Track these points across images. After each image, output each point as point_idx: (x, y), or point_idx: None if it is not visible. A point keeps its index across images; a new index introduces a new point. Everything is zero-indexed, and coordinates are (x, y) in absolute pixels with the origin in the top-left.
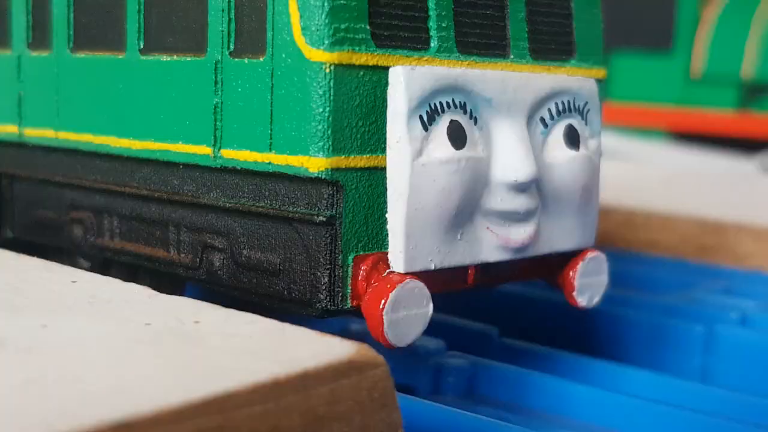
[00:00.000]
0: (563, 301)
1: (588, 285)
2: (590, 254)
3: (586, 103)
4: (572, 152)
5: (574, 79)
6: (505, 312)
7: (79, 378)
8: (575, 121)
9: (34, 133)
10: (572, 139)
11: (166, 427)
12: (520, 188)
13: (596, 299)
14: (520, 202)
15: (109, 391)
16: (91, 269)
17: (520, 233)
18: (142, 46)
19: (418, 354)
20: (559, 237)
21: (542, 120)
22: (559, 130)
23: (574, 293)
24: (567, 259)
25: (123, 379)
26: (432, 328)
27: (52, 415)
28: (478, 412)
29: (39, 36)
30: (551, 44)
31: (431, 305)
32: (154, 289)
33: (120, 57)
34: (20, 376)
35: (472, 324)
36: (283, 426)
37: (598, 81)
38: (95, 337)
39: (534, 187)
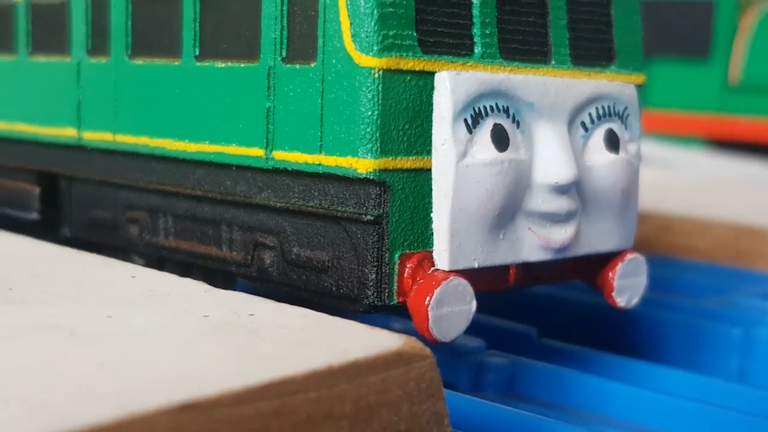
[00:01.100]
0: (602, 304)
1: (627, 286)
2: (629, 255)
3: (626, 107)
4: (612, 155)
5: (614, 84)
6: (545, 313)
7: (146, 363)
8: (615, 126)
9: (92, 137)
10: (612, 142)
11: (229, 408)
12: (561, 190)
13: (635, 300)
14: (560, 204)
15: (174, 376)
16: (147, 266)
17: (561, 234)
18: (197, 53)
19: (458, 352)
20: (599, 238)
21: (583, 124)
22: (599, 134)
23: (614, 293)
24: (606, 260)
25: (186, 365)
26: (473, 328)
27: (124, 395)
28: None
29: (98, 43)
30: (592, 50)
31: (474, 302)
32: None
33: (176, 63)
34: (92, 361)
35: (512, 324)
36: (336, 412)
37: (638, 86)
38: (158, 327)
39: (574, 189)
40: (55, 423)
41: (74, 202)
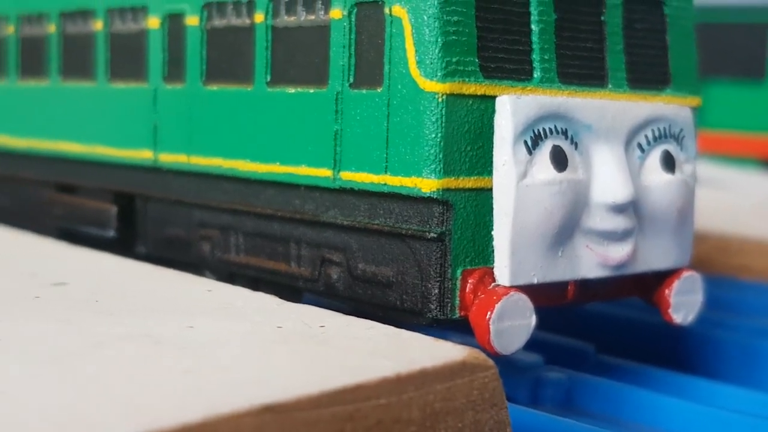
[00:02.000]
0: (658, 321)
1: (683, 303)
2: (686, 273)
3: (682, 129)
4: (668, 176)
5: (670, 107)
6: (602, 330)
7: (227, 369)
8: (671, 147)
9: (168, 158)
10: (668, 163)
11: (307, 412)
12: (618, 209)
13: (691, 317)
14: (618, 222)
15: (254, 381)
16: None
17: (618, 251)
18: (269, 79)
19: (517, 367)
20: (656, 256)
21: (639, 145)
22: (655, 155)
23: (670, 310)
24: (663, 277)
25: (264, 372)
26: (531, 344)
27: (209, 398)
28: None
29: (174, 71)
30: (648, 74)
31: (534, 317)
32: None
33: (248, 89)
34: (178, 367)
35: (570, 341)
36: (405, 418)
37: (693, 109)
38: (235, 337)
39: (631, 208)
40: (148, 422)
41: (149, 221)
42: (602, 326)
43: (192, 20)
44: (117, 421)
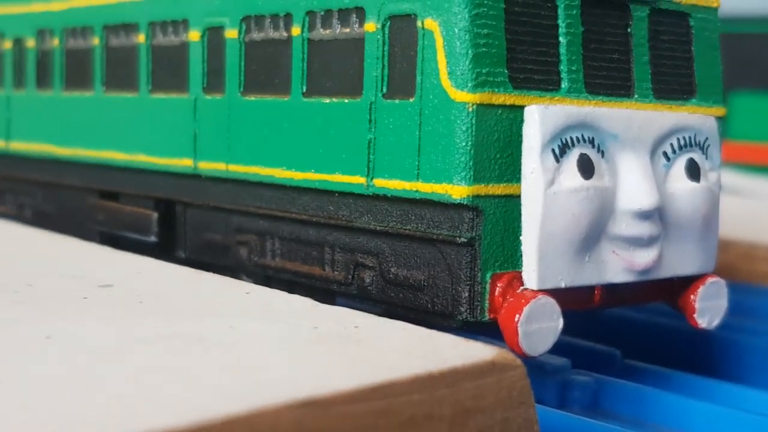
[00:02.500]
0: (684, 326)
1: (708, 308)
2: (710, 279)
3: (707, 138)
4: (693, 184)
5: (695, 116)
6: (628, 335)
7: (267, 366)
8: (696, 155)
9: (207, 166)
10: (693, 171)
11: (343, 406)
12: (644, 216)
13: (716, 322)
14: (643, 229)
15: (292, 377)
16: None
17: (644, 257)
18: (305, 90)
19: (545, 370)
20: (681, 262)
21: (665, 154)
22: (680, 164)
23: (695, 315)
24: (688, 283)
25: (302, 369)
26: (559, 348)
27: (251, 393)
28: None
29: (213, 82)
30: (673, 85)
31: (561, 320)
32: None
33: (285, 99)
34: (220, 363)
35: (596, 346)
36: (436, 414)
37: (718, 118)
38: (273, 337)
39: (657, 214)
40: (193, 414)
41: (189, 226)
42: (628, 331)
43: (231, 33)
44: (162, 413)
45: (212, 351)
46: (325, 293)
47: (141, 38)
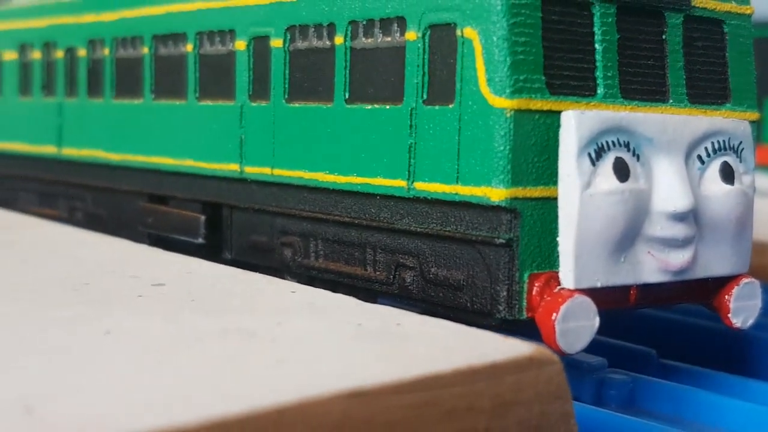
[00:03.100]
0: (718, 326)
1: (742, 308)
2: (745, 279)
3: (741, 142)
4: (727, 186)
5: (729, 121)
6: (663, 335)
7: (315, 360)
8: (730, 159)
9: (253, 171)
10: (727, 174)
11: (388, 397)
12: (679, 217)
13: (750, 321)
14: (678, 230)
15: (339, 370)
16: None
17: (679, 258)
18: (347, 97)
19: (581, 369)
20: (715, 263)
21: (699, 157)
22: (715, 167)
23: (730, 315)
24: (723, 283)
25: (348, 362)
26: (595, 348)
27: (301, 384)
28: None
29: (259, 89)
30: (708, 90)
31: (597, 319)
32: None
33: (328, 106)
34: (271, 357)
35: (632, 346)
36: (477, 406)
37: (752, 123)
38: (320, 332)
39: (691, 216)
40: (247, 403)
41: (235, 229)
42: (664, 331)
43: (276, 42)
44: (217, 403)
45: (262, 345)
46: (366, 293)
47: (189, 47)
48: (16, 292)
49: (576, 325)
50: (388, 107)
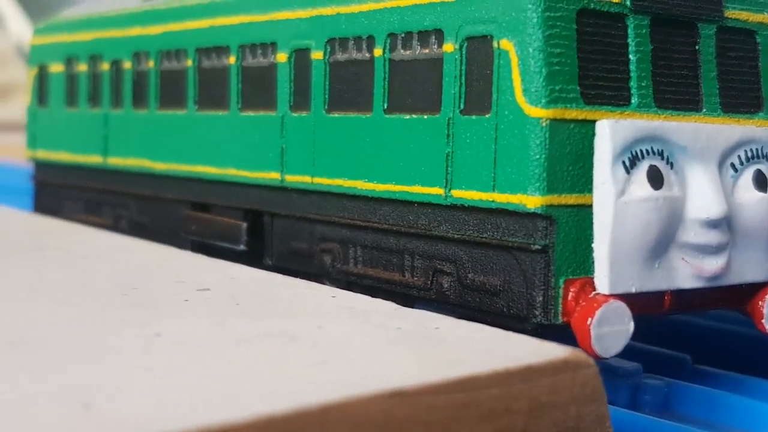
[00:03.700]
0: (753, 333)
1: None
2: None
3: None
4: (760, 194)
5: (762, 129)
6: (698, 342)
7: (356, 361)
8: (763, 167)
9: (293, 179)
10: (760, 182)
11: (428, 398)
12: (712, 224)
13: None
14: (712, 237)
15: (380, 371)
16: None
17: (713, 264)
18: (386, 107)
19: (617, 374)
20: (749, 269)
21: (732, 165)
22: (748, 175)
23: (763, 320)
24: (757, 289)
25: (388, 364)
26: (631, 353)
27: (343, 384)
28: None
29: (299, 100)
30: (741, 99)
31: (632, 323)
32: None
33: (367, 116)
34: (313, 359)
35: (667, 351)
36: (514, 407)
37: None
38: (360, 335)
39: (725, 223)
40: (292, 402)
41: (276, 236)
42: (698, 337)
43: (317, 54)
44: (262, 401)
45: (305, 347)
46: (404, 298)
47: (232, 60)
48: (69, 296)
49: (611, 329)
50: (425, 117)
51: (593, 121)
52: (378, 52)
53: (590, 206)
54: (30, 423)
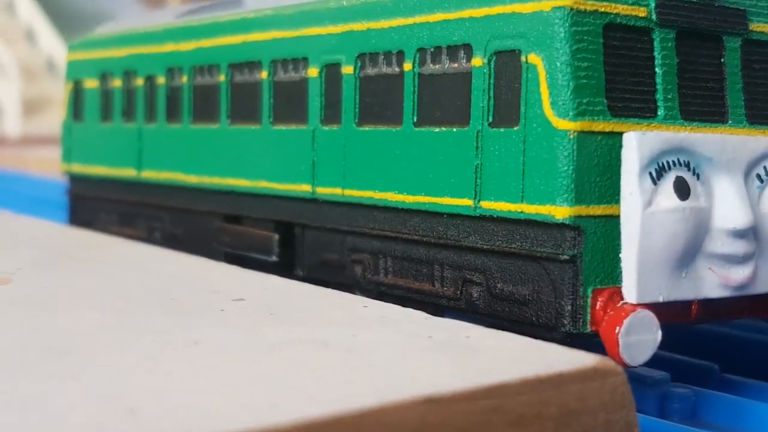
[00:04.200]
0: None
1: None
2: None
3: None
4: None
5: None
6: (725, 351)
7: (389, 368)
8: None
9: (324, 191)
10: None
11: (461, 404)
12: (739, 234)
13: None
14: (738, 247)
15: (413, 378)
16: None
17: (739, 273)
18: (416, 120)
19: (645, 382)
20: None
21: (758, 176)
22: None
23: None
24: None
25: (421, 371)
26: (659, 363)
27: (378, 390)
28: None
29: (330, 114)
30: (766, 110)
31: (660, 332)
32: None
33: (397, 129)
34: (347, 365)
35: (695, 360)
36: (544, 413)
37: None
38: (393, 344)
39: (751, 233)
40: (329, 407)
41: (307, 247)
42: (725, 346)
43: (347, 69)
44: (298, 406)
45: (339, 355)
46: (434, 308)
47: (264, 75)
48: (110, 305)
49: (639, 338)
50: (455, 130)
51: (620, 133)
52: (408, 66)
53: (618, 217)
54: (80, 428)
